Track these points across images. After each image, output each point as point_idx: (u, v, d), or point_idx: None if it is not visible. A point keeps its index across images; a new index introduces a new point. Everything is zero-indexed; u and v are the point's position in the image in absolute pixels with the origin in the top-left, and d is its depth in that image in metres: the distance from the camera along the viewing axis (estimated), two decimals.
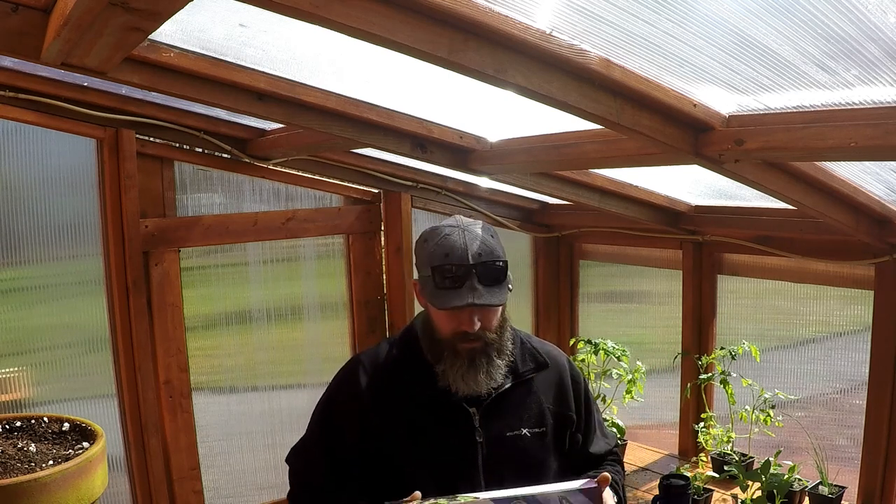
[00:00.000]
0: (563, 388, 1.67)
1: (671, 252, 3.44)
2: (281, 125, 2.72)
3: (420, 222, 3.52)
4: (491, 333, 1.54)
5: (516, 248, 3.91)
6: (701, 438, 3.14)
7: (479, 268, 1.47)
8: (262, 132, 2.91)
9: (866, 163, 2.12)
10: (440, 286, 1.48)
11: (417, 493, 1.39)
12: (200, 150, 2.91)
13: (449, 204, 3.54)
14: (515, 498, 1.38)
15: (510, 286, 1.53)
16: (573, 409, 1.66)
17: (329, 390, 1.67)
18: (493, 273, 1.48)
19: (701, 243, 3.30)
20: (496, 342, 1.56)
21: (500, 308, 1.56)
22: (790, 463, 2.66)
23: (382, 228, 3.50)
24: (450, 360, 1.53)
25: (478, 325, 1.50)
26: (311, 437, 1.66)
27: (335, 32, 1.37)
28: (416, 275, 1.63)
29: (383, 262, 3.52)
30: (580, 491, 1.40)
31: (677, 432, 3.47)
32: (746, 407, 2.93)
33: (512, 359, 1.60)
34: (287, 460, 1.69)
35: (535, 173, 2.92)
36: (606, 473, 1.45)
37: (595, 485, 1.41)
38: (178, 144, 2.86)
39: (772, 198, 2.43)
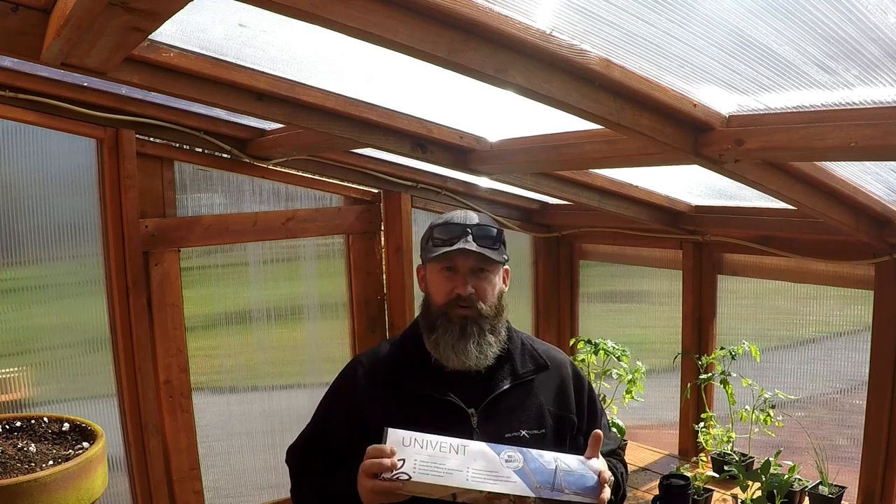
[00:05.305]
0: (564, 390, 1.67)
1: (671, 252, 3.44)
2: (281, 125, 2.72)
3: (420, 222, 3.52)
4: (485, 306, 1.56)
5: (516, 248, 3.90)
6: (701, 438, 3.14)
7: (473, 228, 1.56)
8: (262, 132, 2.91)
9: (866, 163, 2.12)
10: (436, 243, 1.57)
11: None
12: (200, 150, 2.91)
13: (449, 204, 3.53)
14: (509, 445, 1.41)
15: (506, 257, 1.60)
16: (574, 412, 1.66)
17: (330, 389, 1.69)
18: (487, 235, 1.57)
19: (701, 243, 3.30)
20: (490, 318, 1.57)
21: (495, 282, 1.60)
22: (790, 463, 2.66)
23: (382, 228, 3.50)
24: (442, 327, 1.56)
25: (471, 289, 1.54)
26: (310, 433, 1.68)
27: (335, 32, 1.37)
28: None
29: (383, 262, 3.52)
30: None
31: (677, 432, 3.47)
32: (746, 407, 2.93)
33: (503, 339, 1.60)
34: (286, 460, 1.70)
35: (535, 173, 2.92)
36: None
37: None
38: (178, 144, 2.86)
39: (772, 198, 2.43)
